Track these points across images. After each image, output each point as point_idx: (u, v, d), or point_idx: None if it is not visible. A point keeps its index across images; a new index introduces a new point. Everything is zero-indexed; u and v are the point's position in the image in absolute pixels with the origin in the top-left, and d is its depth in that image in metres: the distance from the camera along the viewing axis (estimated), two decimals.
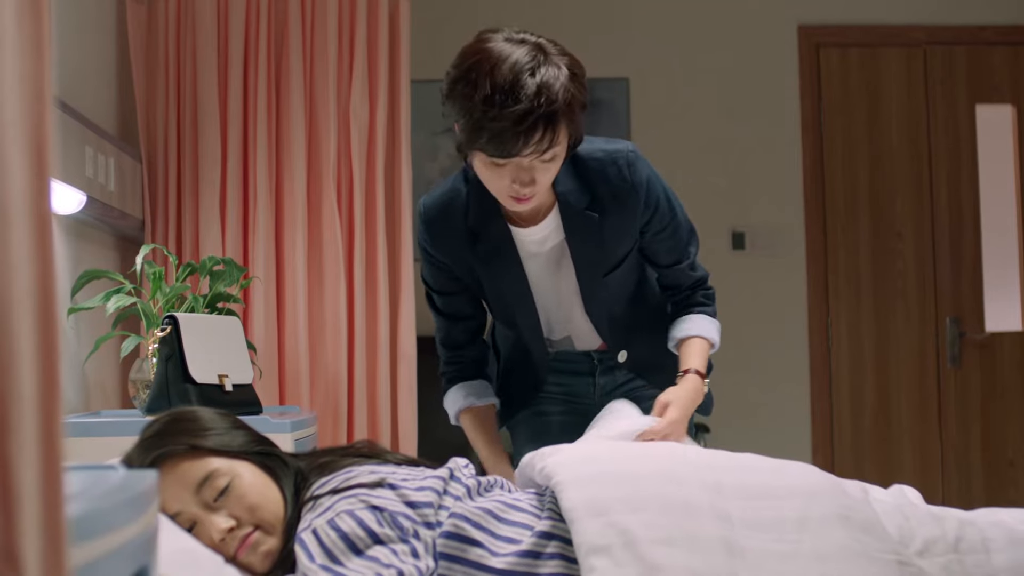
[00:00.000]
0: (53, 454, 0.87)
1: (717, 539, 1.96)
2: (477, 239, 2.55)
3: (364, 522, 1.93)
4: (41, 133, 0.87)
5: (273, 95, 3.74)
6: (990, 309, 5.79)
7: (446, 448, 2.86)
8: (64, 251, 3.16)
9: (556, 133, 2.28)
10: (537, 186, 2.34)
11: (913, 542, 2.08)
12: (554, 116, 2.26)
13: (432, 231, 2.59)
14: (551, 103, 2.25)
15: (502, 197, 2.39)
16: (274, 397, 3.64)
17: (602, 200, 2.50)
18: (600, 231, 2.52)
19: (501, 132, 2.24)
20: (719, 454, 2.25)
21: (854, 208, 5.78)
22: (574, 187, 2.50)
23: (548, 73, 2.27)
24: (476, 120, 2.26)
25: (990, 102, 5.85)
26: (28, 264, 0.85)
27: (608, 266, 2.59)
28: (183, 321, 2.84)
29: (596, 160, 2.50)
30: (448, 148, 5.74)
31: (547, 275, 2.61)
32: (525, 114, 2.23)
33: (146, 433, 2.07)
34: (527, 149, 2.26)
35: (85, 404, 3.28)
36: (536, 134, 2.25)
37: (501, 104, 2.24)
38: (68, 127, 3.00)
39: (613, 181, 2.50)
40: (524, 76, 2.25)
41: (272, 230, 3.72)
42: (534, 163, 2.31)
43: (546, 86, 2.25)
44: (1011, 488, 5.67)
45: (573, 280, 2.61)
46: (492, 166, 2.33)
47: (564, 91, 2.28)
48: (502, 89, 2.24)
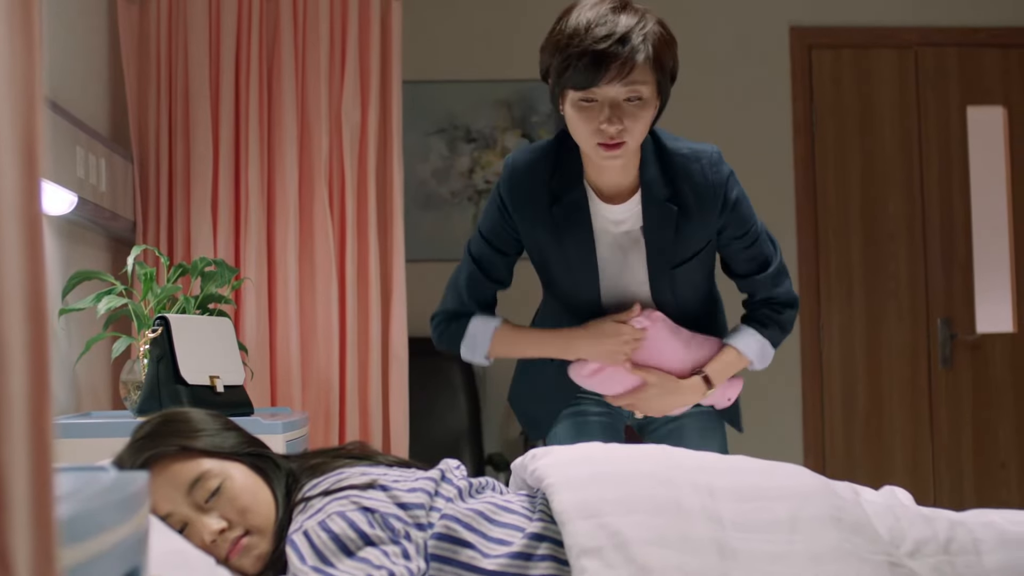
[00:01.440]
0: (43, 455, 0.87)
1: (709, 540, 1.96)
2: (556, 201, 2.59)
3: (355, 523, 1.93)
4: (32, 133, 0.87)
5: (265, 96, 3.74)
6: (981, 310, 5.80)
7: (438, 449, 2.86)
8: (55, 252, 3.15)
9: (638, 62, 2.39)
10: (625, 131, 2.42)
11: (904, 543, 2.09)
12: (637, 44, 2.39)
13: (514, 182, 2.63)
14: (633, 31, 2.39)
15: (591, 145, 2.46)
16: (265, 398, 3.64)
17: (683, 195, 2.57)
18: (677, 224, 2.58)
19: (585, 56, 2.38)
20: (710, 456, 2.25)
21: (846, 209, 5.78)
22: (658, 177, 2.57)
23: (632, 15, 2.43)
24: (564, 54, 2.41)
25: (981, 104, 5.86)
26: (18, 265, 0.85)
27: (679, 259, 2.64)
28: (174, 322, 2.84)
29: (682, 156, 2.59)
30: (440, 149, 5.74)
31: (616, 257, 2.65)
32: (607, 36, 2.38)
33: (137, 434, 2.07)
34: (610, 73, 2.37)
35: (76, 405, 3.28)
36: (619, 58, 2.37)
37: (586, 31, 2.39)
38: (59, 128, 2.99)
39: (696, 178, 2.58)
40: (608, 12, 2.42)
41: (264, 231, 3.71)
42: (621, 103, 2.41)
43: (629, 21, 2.41)
44: (1002, 489, 5.68)
45: (642, 268, 2.65)
46: (581, 107, 2.43)
47: (650, 29, 2.43)
48: (588, 22, 2.40)
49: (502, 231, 2.69)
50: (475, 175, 5.76)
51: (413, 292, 4.27)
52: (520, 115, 5.78)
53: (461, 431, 5.06)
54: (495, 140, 5.77)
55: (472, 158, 5.77)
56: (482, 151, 5.77)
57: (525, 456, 2.23)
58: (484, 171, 5.76)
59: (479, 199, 5.75)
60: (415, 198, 5.60)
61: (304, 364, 3.71)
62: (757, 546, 1.98)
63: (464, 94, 5.77)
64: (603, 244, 2.63)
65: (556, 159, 2.61)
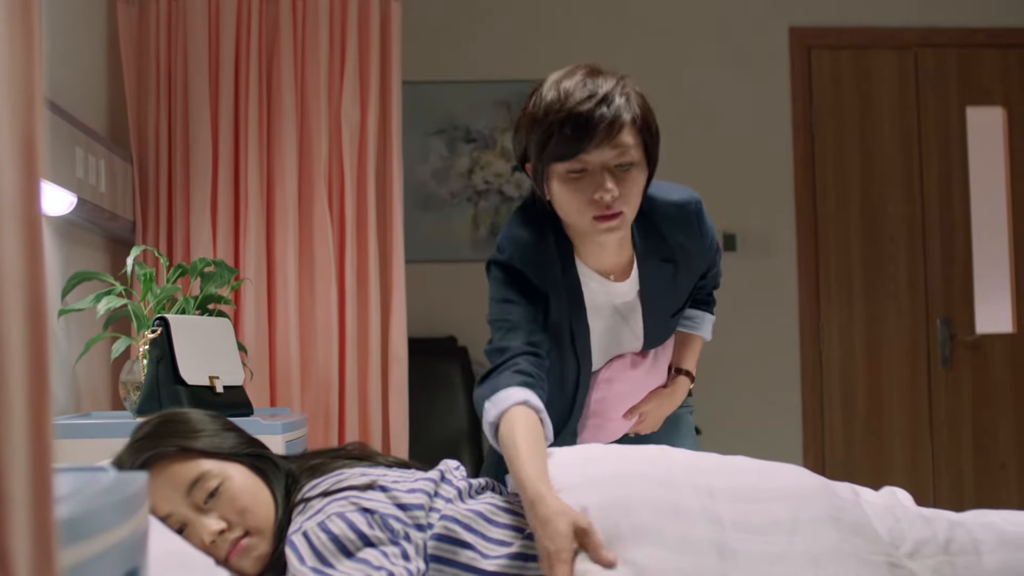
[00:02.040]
0: (43, 455, 0.87)
1: (708, 541, 1.96)
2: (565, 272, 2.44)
3: (354, 524, 1.93)
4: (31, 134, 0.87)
5: (264, 96, 3.74)
6: (981, 311, 5.80)
7: (437, 450, 2.86)
8: (55, 252, 3.15)
9: (625, 122, 2.27)
10: (621, 199, 2.27)
11: (903, 544, 2.09)
12: (622, 104, 2.27)
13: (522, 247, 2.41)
14: (614, 91, 2.27)
15: (586, 221, 2.30)
16: (265, 399, 3.64)
17: (675, 251, 2.50)
18: (674, 279, 2.54)
19: (568, 121, 2.23)
20: (709, 457, 2.25)
21: (845, 210, 5.79)
22: (650, 237, 2.48)
23: (610, 78, 2.30)
24: (543, 125, 2.26)
25: (981, 104, 5.86)
26: (18, 265, 0.85)
27: (675, 308, 2.62)
28: (174, 323, 2.84)
29: (669, 210, 2.48)
30: (439, 150, 5.74)
31: (614, 324, 2.55)
32: (589, 98, 2.24)
33: (137, 435, 2.07)
34: (598, 136, 2.23)
35: (76, 406, 3.28)
36: (605, 119, 2.23)
37: (566, 98, 2.25)
38: (58, 128, 2.99)
39: (686, 232, 2.51)
40: (584, 78, 2.29)
41: (263, 231, 3.71)
42: (612, 169, 2.26)
43: (608, 83, 2.28)
44: (1002, 489, 5.68)
45: (638, 326, 2.57)
46: (569, 180, 2.28)
47: (631, 90, 2.32)
48: (565, 89, 2.26)
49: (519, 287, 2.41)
50: (474, 176, 5.76)
51: (412, 293, 4.27)
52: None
53: (461, 432, 5.06)
54: (495, 141, 5.77)
55: (472, 159, 5.77)
56: (482, 152, 5.77)
57: None
58: (483, 172, 5.76)
59: (478, 200, 5.75)
60: (414, 199, 5.60)
61: (304, 364, 3.71)
62: (757, 547, 1.98)
63: (463, 95, 5.77)
64: (602, 316, 2.52)
65: (553, 232, 2.43)
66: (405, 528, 1.97)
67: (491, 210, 5.76)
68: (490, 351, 2.37)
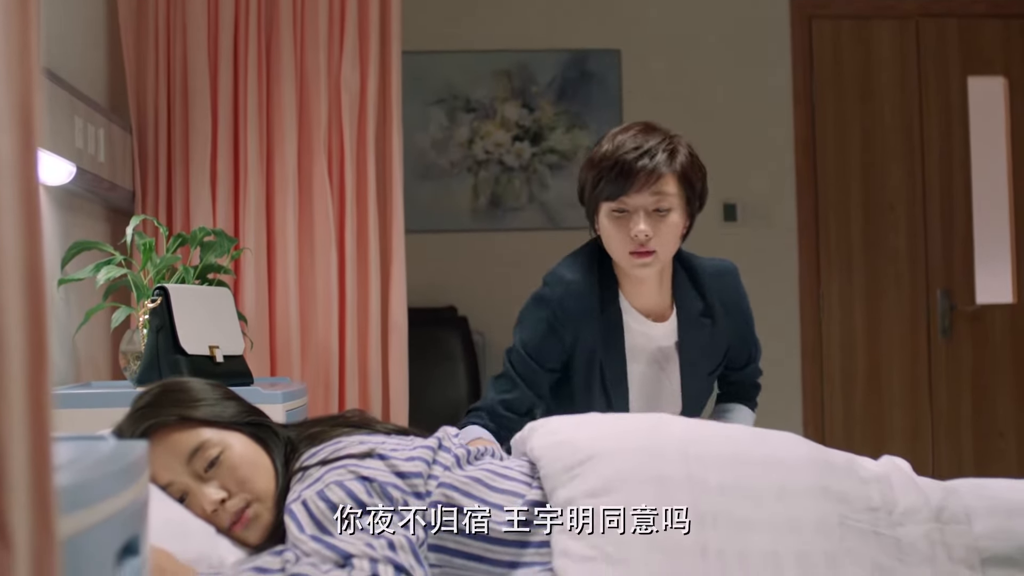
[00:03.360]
0: (42, 424, 0.87)
1: (689, 511, 1.98)
2: (604, 311, 2.75)
3: (353, 493, 1.93)
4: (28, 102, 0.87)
5: (264, 65, 3.73)
6: (981, 281, 5.80)
7: (437, 418, 2.86)
8: (54, 222, 3.15)
9: (664, 172, 2.62)
10: (654, 239, 2.63)
11: (895, 511, 2.10)
12: (664, 157, 2.63)
13: (570, 293, 2.74)
14: (660, 145, 2.64)
15: (623, 255, 2.67)
16: (265, 368, 3.64)
17: (713, 307, 2.81)
18: (711, 336, 2.81)
19: (615, 167, 2.63)
20: (704, 425, 2.26)
21: (846, 180, 5.78)
22: (690, 293, 2.80)
23: (660, 135, 2.67)
24: (597, 169, 2.67)
25: (982, 74, 5.85)
26: (16, 234, 0.85)
27: (711, 367, 2.86)
28: (173, 292, 2.84)
29: (709, 272, 2.84)
30: (439, 119, 5.73)
31: (652, 372, 2.81)
32: (636, 148, 2.63)
33: (137, 404, 2.07)
34: (639, 182, 2.61)
35: (76, 375, 3.28)
36: (646, 168, 2.61)
37: (618, 148, 2.65)
38: (57, 97, 2.98)
39: (727, 292, 2.85)
40: (638, 133, 2.68)
41: (263, 201, 3.71)
42: (651, 213, 2.63)
43: (657, 138, 2.65)
44: (1000, 459, 5.69)
45: (676, 379, 2.81)
46: (613, 218, 2.66)
47: (676, 147, 2.67)
48: (621, 141, 2.67)
49: (552, 347, 2.75)
50: (474, 145, 5.75)
51: (412, 263, 4.27)
52: (520, 85, 5.77)
53: (460, 401, 5.07)
54: (495, 110, 5.76)
55: (471, 128, 5.76)
56: (481, 121, 5.76)
57: (524, 430, 2.25)
58: (483, 142, 5.75)
59: (478, 170, 5.74)
60: (414, 169, 5.60)
61: (304, 334, 3.71)
62: (740, 513, 2.00)
63: (463, 64, 5.76)
64: (640, 360, 2.79)
65: (599, 275, 2.77)
66: (404, 496, 1.98)
67: (491, 180, 5.75)
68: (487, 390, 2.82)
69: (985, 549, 2.09)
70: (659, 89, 5.70)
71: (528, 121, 5.77)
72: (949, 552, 2.08)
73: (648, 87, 5.69)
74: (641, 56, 5.74)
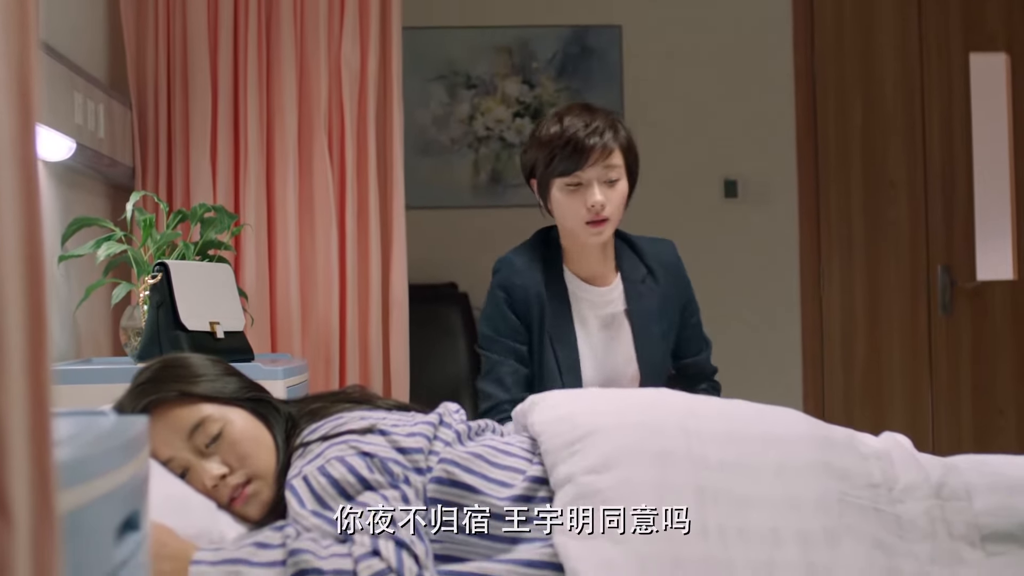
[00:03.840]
0: (42, 399, 0.87)
1: (689, 487, 1.98)
2: (547, 287, 2.96)
3: (354, 468, 1.94)
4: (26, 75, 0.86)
5: (264, 41, 3.72)
6: (982, 258, 5.79)
7: (438, 395, 2.87)
8: (54, 199, 3.15)
9: (614, 148, 2.86)
10: (608, 206, 2.85)
11: (896, 486, 2.10)
12: (612, 134, 2.86)
13: (520, 275, 2.96)
14: (606, 124, 2.87)
15: (580, 225, 2.89)
16: (266, 344, 3.64)
17: (654, 270, 3.02)
18: (657, 297, 3.00)
19: (569, 145, 2.84)
20: (704, 400, 2.26)
21: (846, 156, 5.77)
22: (632, 261, 3.02)
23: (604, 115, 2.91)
24: (549, 148, 2.88)
25: (984, 50, 5.83)
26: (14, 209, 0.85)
27: (662, 330, 3.00)
28: (174, 268, 2.84)
29: (647, 242, 3.07)
30: (440, 96, 5.72)
31: (603, 338, 2.98)
32: (586, 126, 2.85)
33: (137, 380, 2.07)
34: (593, 156, 2.83)
35: (76, 352, 3.28)
36: (598, 144, 2.84)
37: (566, 130, 2.86)
38: (57, 73, 2.98)
39: (664, 257, 3.05)
40: (583, 112, 2.90)
41: (263, 177, 3.70)
42: (601, 186, 2.85)
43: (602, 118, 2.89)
44: (1000, 436, 5.69)
45: (629, 347, 2.97)
46: (568, 191, 2.88)
47: (617, 126, 2.90)
48: (569, 121, 2.88)
49: (512, 323, 2.95)
50: (475, 122, 5.74)
51: (413, 239, 4.26)
52: (520, 61, 5.75)
53: (461, 377, 5.07)
54: (495, 87, 5.75)
55: (472, 105, 5.74)
56: (482, 98, 5.75)
57: (524, 404, 2.25)
58: (484, 118, 5.74)
59: (479, 146, 5.73)
60: (415, 145, 5.58)
61: (304, 310, 3.72)
62: (739, 490, 2.00)
63: (464, 40, 5.74)
64: (591, 327, 2.98)
65: (542, 254, 3.00)
66: (405, 472, 1.98)
67: (492, 156, 5.74)
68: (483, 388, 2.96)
69: (985, 526, 2.09)
70: (660, 65, 5.68)
71: (529, 97, 5.75)
72: (949, 528, 2.08)
73: (649, 63, 5.68)
74: (642, 32, 5.72)
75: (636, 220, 3.37)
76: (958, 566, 2.04)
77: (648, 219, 5.43)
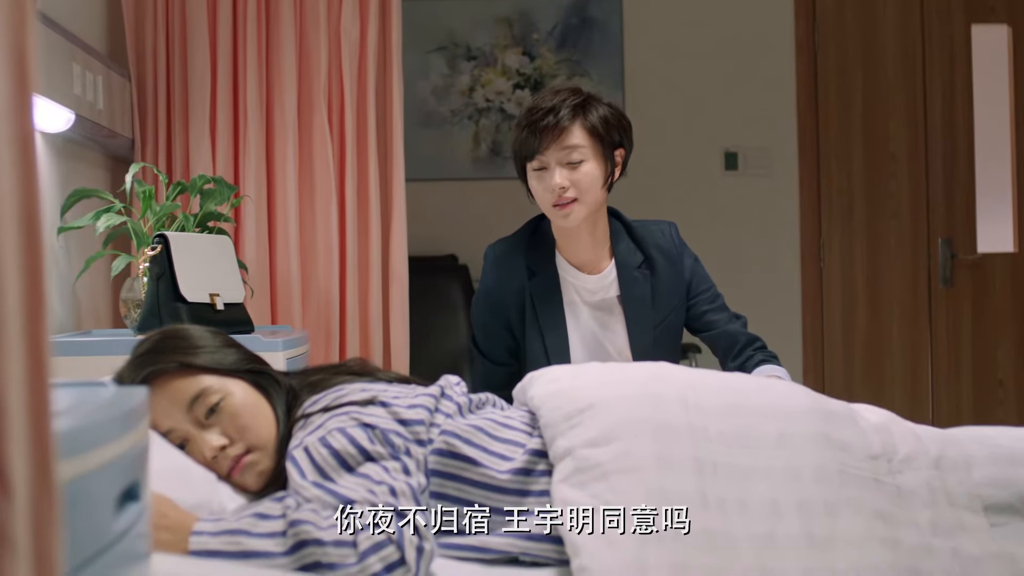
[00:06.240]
0: (40, 370, 0.87)
1: (688, 458, 1.97)
2: (533, 276, 2.95)
3: (355, 440, 1.94)
4: (22, 45, 0.86)
5: (263, 12, 3.70)
6: (982, 230, 5.79)
7: (438, 366, 2.88)
8: (53, 170, 3.14)
9: (565, 128, 2.81)
10: (572, 189, 2.83)
11: (895, 458, 2.10)
12: (565, 113, 2.81)
13: (499, 267, 2.97)
14: (564, 103, 2.82)
15: (547, 207, 2.88)
16: (266, 316, 3.64)
17: (653, 259, 2.97)
18: (651, 287, 2.95)
19: (526, 129, 2.85)
20: (704, 373, 2.26)
21: (847, 129, 5.75)
22: (628, 247, 2.97)
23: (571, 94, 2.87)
24: (515, 134, 2.91)
25: (986, 22, 5.80)
26: (11, 180, 0.85)
27: (657, 319, 2.96)
28: (174, 240, 2.84)
29: (645, 227, 3.01)
30: (440, 67, 5.70)
31: (594, 326, 2.96)
32: (539, 109, 2.84)
33: (137, 351, 2.07)
34: (546, 140, 2.82)
35: (76, 323, 3.28)
36: (549, 126, 2.81)
37: (531, 110, 2.87)
38: (55, 44, 2.97)
39: (662, 241, 2.99)
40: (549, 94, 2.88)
41: (263, 149, 3.70)
42: (562, 168, 2.83)
43: (563, 97, 2.85)
44: (1000, 408, 5.70)
45: (622, 335, 2.96)
46: (536, 176, 2.88)
47: (584, 102, 2.85)
48: (533, 102, 2.90)
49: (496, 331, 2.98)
50: (475, 93, 5.73)
51: (413, 211, 4.26)
52: (520, 33, 5.73)
53: (461, 349, 5.08)
54: (495, 58, 5.73)
55: (472, 76, 5.73)
56: (482, 69, 5.73)
57: (524, 379, 2.25)
58: (484, 89, 5.73)
59: (479, 118, 5.72)
60: (415, 117, 5.57)
61: (304, 282, 3.72)
62: (739, 462, 2.00)
63: (464, 11, 5.72)
64: (581, 313, 2.96)
65: (531, 240, 2.99)
66: (406, 443, 1.98)
67: (492, 128, 5.73)
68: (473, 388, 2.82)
69: (986, 497, 2.09)
70: (660, 36, 5.66)
71: (529, 69, 5.74)
72: (950, 498, 2.08)
73: (650, 34, 5.66)
74: (643, 3, 5.70)
75: (636, 191, 3.36)
76: (960, 534, 2.04)
77: (647, 190, 5.42)
